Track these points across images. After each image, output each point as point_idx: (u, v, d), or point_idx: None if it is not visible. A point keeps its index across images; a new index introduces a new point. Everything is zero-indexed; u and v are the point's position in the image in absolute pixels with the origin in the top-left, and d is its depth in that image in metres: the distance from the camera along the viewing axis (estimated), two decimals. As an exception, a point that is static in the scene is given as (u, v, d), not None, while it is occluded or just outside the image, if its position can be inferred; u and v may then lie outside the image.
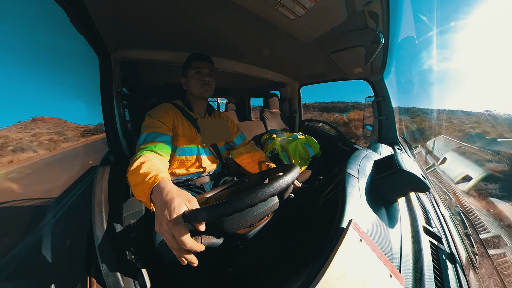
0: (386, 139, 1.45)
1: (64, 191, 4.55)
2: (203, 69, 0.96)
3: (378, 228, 0.50)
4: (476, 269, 0.59)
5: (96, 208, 0.63)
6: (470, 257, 0.62)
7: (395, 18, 0.84)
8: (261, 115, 2.31)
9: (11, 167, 17.19)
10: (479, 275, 0.58)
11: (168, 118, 0.90)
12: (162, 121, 0.86)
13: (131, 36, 1.05)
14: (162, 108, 0.93)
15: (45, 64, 49.40)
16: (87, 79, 51.76)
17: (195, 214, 0.43)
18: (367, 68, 1.30)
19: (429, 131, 1.86)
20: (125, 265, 0.56)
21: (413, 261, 0.47)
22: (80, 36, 0.87)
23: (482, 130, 4.15)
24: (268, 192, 0.45)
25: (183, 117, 0.96)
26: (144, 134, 0.81)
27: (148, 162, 0.65)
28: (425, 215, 0.66)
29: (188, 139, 0.95)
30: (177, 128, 0.93)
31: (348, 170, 0.66)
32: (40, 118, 25.43)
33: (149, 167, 0.61)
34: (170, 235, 0.42)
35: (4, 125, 35.05)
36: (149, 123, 0.85)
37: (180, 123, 0.94)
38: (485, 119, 3.89)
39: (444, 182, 1.16)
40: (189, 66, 0.96)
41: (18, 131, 23.75)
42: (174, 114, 0.93)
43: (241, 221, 0.56)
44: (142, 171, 0.59)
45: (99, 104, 1.10)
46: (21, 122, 26.26)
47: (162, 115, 0.89)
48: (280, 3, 0.74)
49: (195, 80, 0.95)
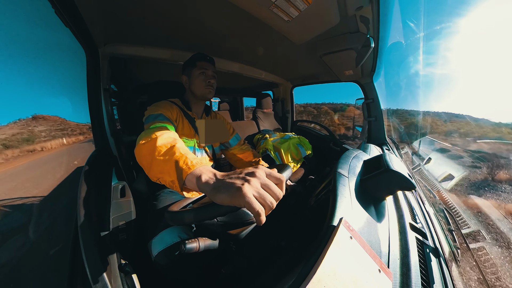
0: (375, 140, 1.50)
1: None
2: (209, 71, 0.96)
3: (368, 226, 0.52)
4: (458, 262, 0.63)
5: (81, 210, 0.60)
6: (453, 251, 0.66)
7: (385, 23, 0.87)
8: (254, 115, 2.31)
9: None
10: (461, 268, 0.62)
11: (174, 113, 0.89)
12: (168, 113, 0.85)
13: (121, 31, 1.02)
14: (165, 103, 0.91)
15: (28, 59, 45.19)
16: (74, 74, 47.51)
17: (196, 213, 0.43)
18: (357, 71, 1.34)
19: (414, 132, 1.94)
20: (114, 270, 0.54)
21: (400, 256, 0.50)
22: (66, 29, 0.82)
23: (463, 131, 4.42)
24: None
25: (183, 115, 0.96)
26: (153, 114, 0.78)
27: (179, 141, 0.60)
28: (411, 212, 0.69)
29: (186, 138, 0.94)
30: (177, 125, 0.91)
31: (339, 170, 0.67)
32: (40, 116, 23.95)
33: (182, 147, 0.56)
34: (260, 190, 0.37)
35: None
36: (156, 108, 0.83)
37: (181, 121, 0.94)
38: (466, 122, 4.16)
39: (428, 181, 1.22)
40: (193, 66, 0.95)
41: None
42: (176, 111, 0.93)
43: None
44: (178, 145, 0.54)
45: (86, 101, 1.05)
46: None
47: (168, 108, 0.87)
48: (274, 4, 0.75)
49: (199, 80, 0.95)
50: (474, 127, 4.38)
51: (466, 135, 5.38)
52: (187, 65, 0.99)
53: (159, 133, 0.62)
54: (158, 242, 0.70)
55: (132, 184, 1.13)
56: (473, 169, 6.85)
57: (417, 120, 2.18)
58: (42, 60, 47.09)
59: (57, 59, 67.67)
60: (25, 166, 12.05)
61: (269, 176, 0.40)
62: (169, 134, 0.64)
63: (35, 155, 15.11)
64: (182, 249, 0.52)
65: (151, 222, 0.81)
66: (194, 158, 0.51)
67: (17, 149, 16.14)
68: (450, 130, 11.49)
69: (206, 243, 0.55)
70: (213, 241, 0.57)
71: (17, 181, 7.32)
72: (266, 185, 0.38)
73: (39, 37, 53.44)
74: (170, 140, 0.59)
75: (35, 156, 14.70)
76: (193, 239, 0.54)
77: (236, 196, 0.36)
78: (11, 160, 14.45)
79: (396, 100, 15.48)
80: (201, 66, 0.95)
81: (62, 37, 19.76)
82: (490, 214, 1.55)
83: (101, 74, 1.06)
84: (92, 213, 0.62)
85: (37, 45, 47.83)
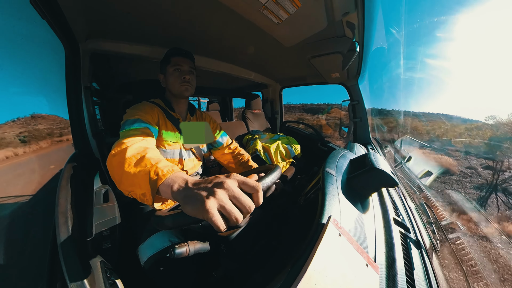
0: (360, 139, 1.57)
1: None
2: (183, 66, 0.90)
3: (355, 222, 0.54)
4: (438, 252, 0.68)
5: (60, 218, 0.56)
6: (433, 242, 0.71)
7: (370, 29, 0.91)
8: (243, 116, 2.31)
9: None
10: (440, 257, 0.67)
11: (155, 115, 0.84)
12: (149, 115, 0.80)
13: (105, 26, 0.96)
14: (146, 104, 0.86)
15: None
16: (52, 71, 39.14)
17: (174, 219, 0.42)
18: (343, 73, 1.39)
19: (396, 131, 2.05)
20: (98, 281, 0.51)
21: (386, 250, 0.52)
22: (43, 22, 0.75)
23: (440, 132, 4.85)
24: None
25: (166, 117, 0.91)
26: (130, 119, 0.73)
27: (151, 150, 0.57)
28: (394, 208, 0.73)
29: (170, 140, 0.90)
30: (160, 128, 0.87)
31: (327, 169, 0.70)
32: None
33: (155, 155, 0.55)
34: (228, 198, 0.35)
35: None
36: (134, 112, 0.77)
37: (163, 123, 0.89)
38: (442, 122, 4.56)
39: (409, 178, 1.29)
40: (168, 62, 0.90)
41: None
42: (158, 113, 0.88)
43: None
44: (148, 155, 0.52)
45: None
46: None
47: (148, 110, 0.82)
48: (264, 5, 0.75)
49: (174, 77, 0.89)
50: (451, 127, 4.75)
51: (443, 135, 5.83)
52: (162, 62, 0.94)
53: (130, 142, 0.59)
54: (147, 248, 0.67)
55: (116, 188, 1.08)
56: (450, 166, 7.28)
57: (398, 120, 2.31)
58: (16, 55, 41.58)
59: (33, 53, 60.11)
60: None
61: (243, 185, 0.38)
62: (140, 143, 0.60)
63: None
64: (171, 254, 0.51)
65: (139, 227, 0.78)
66: (165, 166, 0.48)
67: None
68: (429, 129, 12.28)
69: (196, 247, 0.54)
70: (203, 245, 0.57)
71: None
72: (236, 198, 0.36)
73: (13, 29, 46.81)
74: (140, 150, 0.55)
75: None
76: (183, 243, 0.53)
77: (199, 209, 0.34)
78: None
79: (379, 101, 16.29)
80: (176, 62, 0.89)
81: (38, 31, 17.50)
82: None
83: (82, 71, 1.00)
84: (72, 220, 0.58)
85: (9, 37, 42.26)
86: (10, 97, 32.89)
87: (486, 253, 3.79)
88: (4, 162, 11.61)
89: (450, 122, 32.41)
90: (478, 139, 17.73)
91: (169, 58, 0.90)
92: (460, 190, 6.77)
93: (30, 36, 22.82)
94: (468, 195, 7.63)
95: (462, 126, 30.05)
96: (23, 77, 35.75)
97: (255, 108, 2.38)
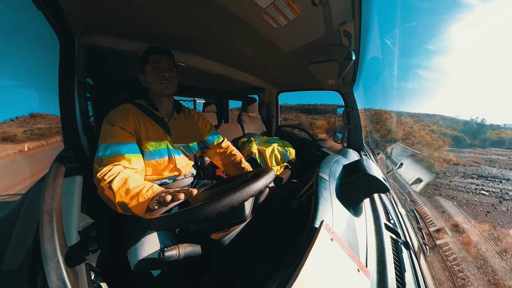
0: (353, 145, 1.59)
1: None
2: (161, 64, 0.88)
3: (347, 227, 0.55)
4: (427, 257, 0.69)
5: (45, 217, 0.53)
6: (422, 247, 0.72)
7: (366, 39, 0.94)
8: (239, 118, 2.31)
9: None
10: (429, 262, 0.68)
11: (129, 123, 0.82)
12: (122, 126, 0.79)
13: (102, 20, 0.94)
14: (120, 112, 0.83)
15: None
16: (43, 63, 40.38)
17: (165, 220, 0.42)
18: (339, 81, 1.42)
19: (388, 139, 2.11)
20: (82, 284, 0.50)
21: (377, 255, 0.53)
22: (39, 13, 0.73)
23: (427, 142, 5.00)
24: (240, 198, 0.48)
25: (146, 118, 0.89)
26: (103, 145, 0.73)
27: (131, 177, 0.67)
28: (385, 213, 0.74)
29: (153, 141, 0.88)
30: (139, 131, 0.85)
31: (320, 174, 0.70)
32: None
33: (137, 180, 0.67)
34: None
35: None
36: (107, 131, 0.77)
37: (143, 125, 0.86)
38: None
39: (400, 184, 1.32)
40: (146, 61, 0.88)
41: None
42: (134, 117, 0.85)
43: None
44: (132, 186, 0.63)
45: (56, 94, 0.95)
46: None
47: (121, 119, 0.80)
48: (264, 10, 0.77)
49: (153, 76, 0.87)
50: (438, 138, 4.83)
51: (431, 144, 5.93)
52: (141, 61, 0.91)
53: (109, 177, 0.65)
54: (138, 250, 0.66)
55: None
56: (440, 173, 7.36)
57: (391, 127, 2.36)
58: (8, 46, 39.41)
59: (24, 46, 57.27)
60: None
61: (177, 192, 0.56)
62: (120, 176, 0.66)
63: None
64: (160, 257, 0.50)
65: (130, 228, 0.75)
66: (147, 190, 0.62)
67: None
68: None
69: (187, 250, 0.53)
70: (194, 248, 0.56)
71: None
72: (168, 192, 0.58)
73: (6, 20, 44.70)
74: (121, 184, 0.64)
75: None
76: (173, 246, 0.52)
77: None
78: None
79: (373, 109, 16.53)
80: (154, 60, 0.87)
81: (33, 21, 16.24)
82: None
83: (76, 65, 0.97)
84: (57, 220, 0.56)
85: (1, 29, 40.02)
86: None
87: (473, 257, 3.91)
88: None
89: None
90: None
91: (147, 57, 0.88)
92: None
93: (23, 28, 21.67)
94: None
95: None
96: (15, 69, 34.21)
97: (252, 111, 2.39)
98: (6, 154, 15.37)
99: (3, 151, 15.14)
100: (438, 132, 29.83)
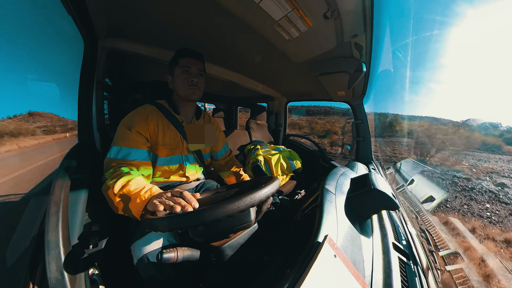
0: (362, 159, 1.55)
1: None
2: (192, 68, 0.85)
3: (352, 244, 0.52)
4: (438, 283, 0.64)
5: (52, 207, 0.54)
6: (433, 272, 0.67)
7: (377, 52, 0.94)
8: (247, 125, 2.33)
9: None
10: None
11: (146, 127, 0.81)
12: (139, 131, 0.78)
13: (125, 26, 1.00)
14: (140, 115, 0.82)
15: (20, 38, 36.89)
16: (66, 63, 37.08)
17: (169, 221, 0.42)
18: (349, 92, 1.41)
19: (399, 154, 2.04)
20: (79, 278, 0.50)
21: (383, 277, 0.50)
22: (68, 17, 0.79)
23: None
24: (242, 205, 0.47)
25: (165, 121, 0.87)
26: (116, 147, 0.74)
27: (134, 179, 0.67)
28: (394, 232, 0.70)
29: (170, 148, 0.87)
30: (157, 136, 0.84)
31: (326, 186, 0.68)
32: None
33: (138, 183, 0.66)
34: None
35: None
36: (122, 134, 0.77)
37: (161, 129, 0.85)
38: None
39: (411, 201, 1.26)
40: (176, 63, 0.86)
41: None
42: (154, 120, 0.83)
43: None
44: (133, 188, 0.63)
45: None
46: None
47: (139, 123, 0.79)
48: (277, 23, 0.79)
49: (182, 79, 0.85)
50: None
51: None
52: (171, 63, 0.90)
53: (114, 178, 0.66)
54: (142, 244, 0.66)
55: None
56: (454, 192, 6.58)
57: (401, 142, 2.29)
58: (36, 43, 42.65)
59: (51, 44, 60.45)
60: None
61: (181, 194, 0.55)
62: (120, 180, 0.65)
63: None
64: (158, 258, 0.49)
65: (136, 222, 0.76)
66: (146, 191, 0.62)
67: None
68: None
69: (185, 254, 0.52)
70: (193, 252, 0.55)
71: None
72: (171, 198, 0.55)
73: (37, 19, 47.69)
74: (123, 185, 0.64)
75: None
76: (172, 249, 0.51)
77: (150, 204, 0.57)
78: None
79: (383, 122, 16.24)
80: (184, 64, 0.85)
81: (62, 24, 18.26)
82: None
83: (97, 66, 1.04)
84: (64, 211, 0.57)
85: (36, 31, 43.90)
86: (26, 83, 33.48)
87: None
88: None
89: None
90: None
91: (178, 59, 0.86)
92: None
93: (52, 30, 23.59)
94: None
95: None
96: (42, 66, 36.83)
97: (260, 119, 2.41)
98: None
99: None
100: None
